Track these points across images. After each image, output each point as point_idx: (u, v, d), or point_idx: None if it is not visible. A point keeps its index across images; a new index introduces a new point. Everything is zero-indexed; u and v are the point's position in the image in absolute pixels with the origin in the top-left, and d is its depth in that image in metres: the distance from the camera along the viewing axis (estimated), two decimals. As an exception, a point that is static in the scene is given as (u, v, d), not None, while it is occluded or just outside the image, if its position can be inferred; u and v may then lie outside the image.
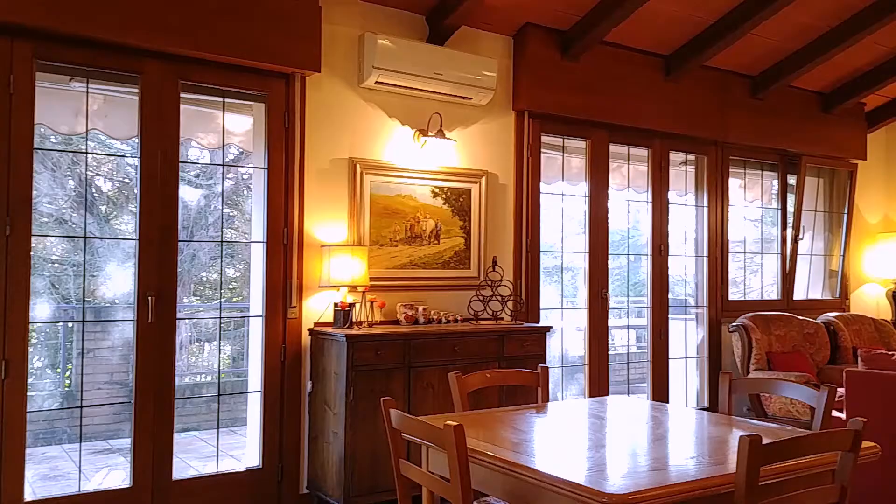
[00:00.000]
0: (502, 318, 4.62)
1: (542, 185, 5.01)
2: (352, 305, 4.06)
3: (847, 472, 2.04)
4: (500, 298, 4.63)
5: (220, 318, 4.30)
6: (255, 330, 4.09)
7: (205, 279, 6.52)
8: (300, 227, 4.11)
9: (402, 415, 2.26)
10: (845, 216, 6.78)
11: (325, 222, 4.20)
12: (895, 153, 7.07)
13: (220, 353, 4.55)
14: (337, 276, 3.99)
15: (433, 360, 4.00)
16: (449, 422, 2.00)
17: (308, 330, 4.11)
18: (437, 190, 4.56)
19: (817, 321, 5.92)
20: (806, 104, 6.30)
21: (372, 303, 4.19)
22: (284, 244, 4.08)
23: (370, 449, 3.80)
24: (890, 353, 3.96)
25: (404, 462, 2.34)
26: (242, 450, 4.49)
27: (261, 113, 4.09)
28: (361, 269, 4.04)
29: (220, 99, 4.02)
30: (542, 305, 5.01)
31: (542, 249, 5.02)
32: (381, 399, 2.35)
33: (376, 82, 4.21)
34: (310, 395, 4.09)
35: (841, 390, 4.03)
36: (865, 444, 2.17)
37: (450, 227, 4.61)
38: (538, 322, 4.91)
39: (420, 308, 4.29)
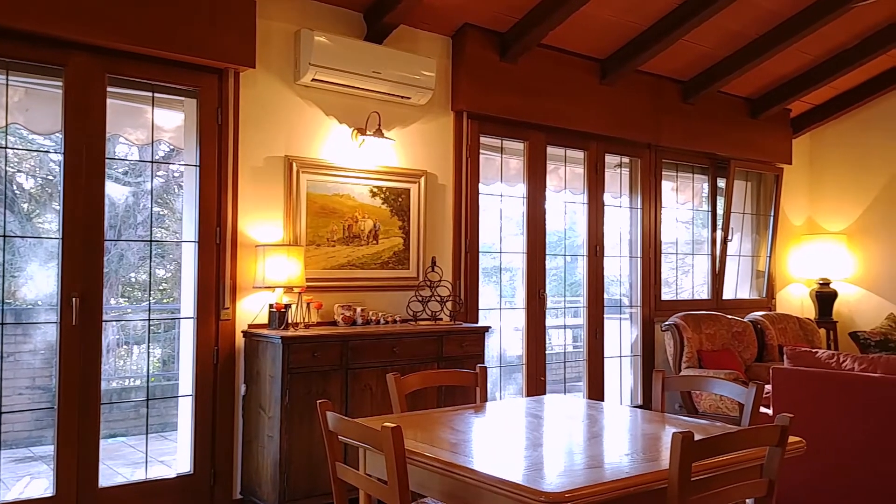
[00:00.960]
0: (441, 319, 4.61)
1: (480, 185, 5.03)
2: (288, 307, 3.98)
3: (774, 466, 2.10)
4: (439, 299, 4.62)
5: (150, 319, 4.15)
6: (187, 332, 3.97)
7: (133, 280, 6.31)
8: (234, 226, 4.01)
9: (338, 417, 2.22)
10: (771, 218, 7.04)
11: (260, 221, 4.10)
12: (818, 158, 7.38)
13: (149, 356, 4.41)
14: (272, 277, 3.90)
15: (371, 362, 3.96)
16: (387, 423, 1.98)
17: (242, 332, 4.02)
18: (375, 190, 4.51)
19: (745, 320, 6.12)
20: (735, 109, 6.51)
21: (308, 304, 4.12)
22: (217, 244, 3.97)
23: (306, 452, 3.73)
24: (814, 350, 4.12)
25: (341, 465, 2.30)
26: (173, 455, 4.36)
27: (192, 109, 3.97)
28: (298, 269, 3.96)
29: (150, 94, 3.88)
30: (481, 306, 5.02)
31: (481, 250, 5.04)
32: (318, 401, 2.31)
33: (313, 80, 4.14)
34: (244, 399, 3.99)
35: (768, 387, 4.17)
36: (792, 438, 2.24)
37: (389, 227, 4.57)
38: (477, 322, 4.93)
39: (358, 309, 4.24)
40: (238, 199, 4.03)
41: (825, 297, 6.92)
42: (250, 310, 4.06)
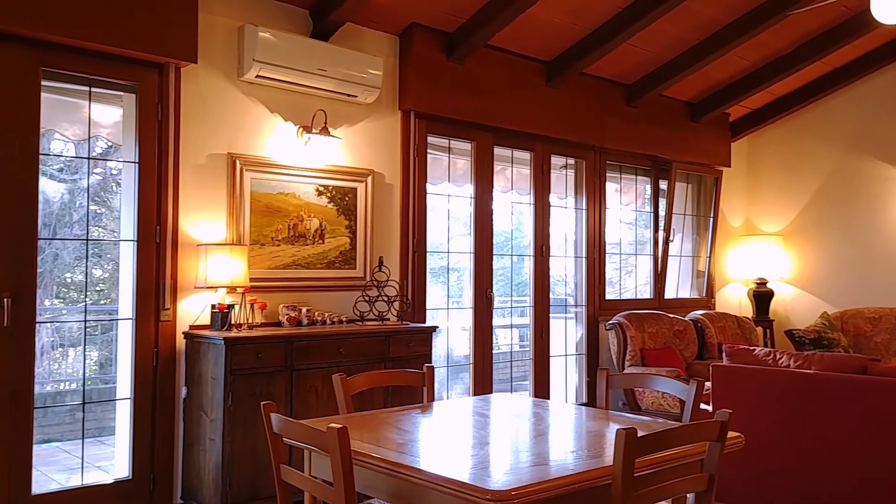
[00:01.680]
0: (388, 319, 4.59)
1: (428, 185, 5.02)
2: (230, 307, 3.90)
3: (714, 460, 2.15)
4: (386, 299, 4.59)
5: (86, 321, 4.01)
6: (125, 334, 3.85)
7: (69, 280, 6.09)
8: (174, 224, 3.91)
9: (282, 419, 2.18)
10: (711, 220, 7.23)
11: (202, 220, 4.01)
12: (755, 161, 7.62)
13: (85, 358, 4.25)
14: (214, 277, 3.82)
15: (317, 363, 3.91)
16: (332, 424, 1.95)
17: (183, 333, 3.92)
18: (321, 188, 4.46)
19: (686, 319, 6.27)
20: (676, 113, 6.66)
21: (252, 304, 4.05)
22: (157, 243, 3.87)
23: (249, 455, 3.66)
24: (751, 348, 4.24)
25: (285, 467, 2.26)
26: (111, 461, 4.22)
27: (131, 104, 3.86)
28: (241, 269, 3.89)
29: (87, 88, 3.75)
30: (428, 305, 5.02)
31: (428, 250, 5.03)
32: (262, 403, 2.26)
33: (257, 76, 4.07)
34: (184, 402, 3.89)
35: (708, 384, 4.27)
36: (731, 434, 2.30)
37: (335, 226, 4.53)
38: (424, 322, 4.92)
39: (303, 309, 4.18)
40: (179, 198, 3.93)
41: (762, 296, 7.14)
42: (192, 311, 3.96)
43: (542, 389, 5.73)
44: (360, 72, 4.40)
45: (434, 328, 4.52)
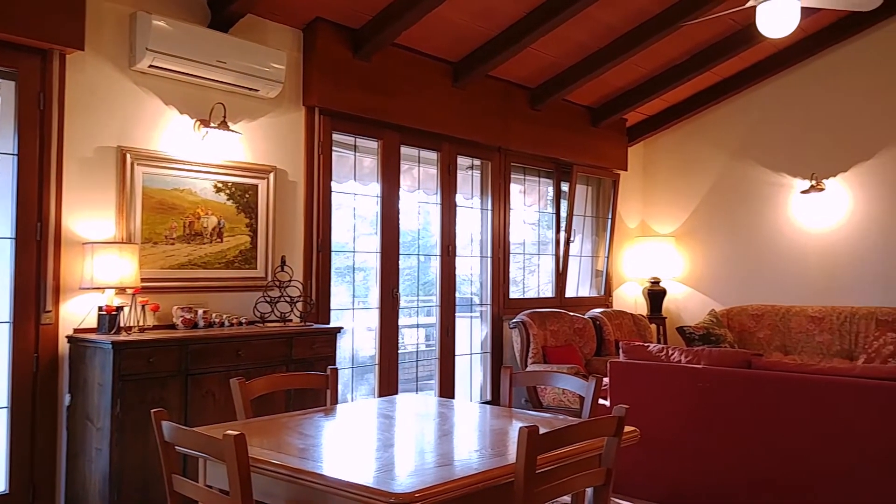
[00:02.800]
0: (291, 320, 4.47)
1: (333, 183, 4.93)
2: (119, 309, 3.69)
3: (612, 455, 2.20)
4: (288, 299, 4.47)
5: (-43, 326, 3.71)
6: (1, 338, 3.57)
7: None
8: (57, 221, 3.66)
9: (175, 426, 2.07)
10: (609, 221, 7.47)
11: (89, 217, 3.78)
12: (651, 165, 7.93)
13: (-45, 366, 3.92)
14: (102, 277, 3.60)
15: (214, 367, 3.76)
16: (229, 431, 1.87)
17: (67, 337, 3.67)
18: (220, 185, 4.30)
19: (585, 317, 6.45)
20: (577, 117, 6.84)
21: (143, 306, 3.84)
22: (38, 240, 3.61)
23: (140, 465, 3.48)
24: (646, 344, 4.40)
25: (178, 477, 2.15)
26: (-16, 477, 3.90)
27: (10, 92, 3.58)
28: (131, 269, 3.68)
29: (-42, 71, 3.46)
30: (333, 306, 4.93)
31: (333, 249, 4.94)
32: (152, 411, 2.14)
33: (150, 66, 3.87)
34: (68, 410, 3.65)
35: (606, 380, 4.40)
36: (627, 428, 2.36)
37: (235, 224, 4.37)
38: (329, 323, 4.83)
39: (200, 311, 4.01)
40: (63, 193, 3.68)
41: (656, 294, 7.44)
42: (77, 313, 3.72)
43: (447, 389, 5.74)
44: (262, 65, 4.26)
45: (339, 329, 4.44)
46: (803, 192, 6.77)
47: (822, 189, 6.69)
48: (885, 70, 6.40)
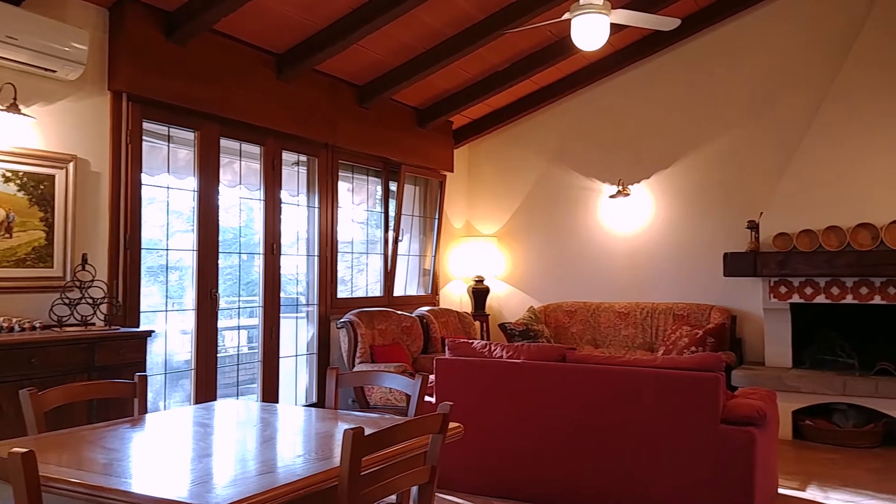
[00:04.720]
0: (94, 324, 4.09)
1: (144, 175, 4.58)
2: None
3: (436, 452, 2.21)
4: (91, 301, 4.09)
5: None
6: None
7: None
8: None
9: (-55, 448, 1.80)
10: (436, 221, 7.61)
11: None
12: (475, 168, 8.18)
13: None
14: None
15: (4, 376, 3.35)
16: (16, 448, 1.65)
17: None
18: (9, 174, 3.84)
19: (413, 315, 6.52)
20: (406, 118, 6.90)
21: (-87, 311, 3.34)
22: None
23: None
24: (470, 341, 4.51)
25: (-51, 507, 1.87)
26: None
27: None
28: None
29: None
30: (143, 308, 4.57)
31: (144, 246, 4.59)
32: (-84, 431, 1.85)
33: (-78, 35, 3.37)
34: None
35: (432, 377, 4.46)
36: (452, 424, 2.39)
37: (27, 218, 3.92)
38: (138, 326, 4.47)
39: (-16, 315, 3.56)
40: None
41: (479, 292, 7.69)
42: None
43: (270, 392, 5.54)
44: (61, 44, 3.86)
45: (149, 333, 4.13)
46: (611, 196, 7.30)
47: (628, 194, 7.25)
48: (683, 85, 7.07)
